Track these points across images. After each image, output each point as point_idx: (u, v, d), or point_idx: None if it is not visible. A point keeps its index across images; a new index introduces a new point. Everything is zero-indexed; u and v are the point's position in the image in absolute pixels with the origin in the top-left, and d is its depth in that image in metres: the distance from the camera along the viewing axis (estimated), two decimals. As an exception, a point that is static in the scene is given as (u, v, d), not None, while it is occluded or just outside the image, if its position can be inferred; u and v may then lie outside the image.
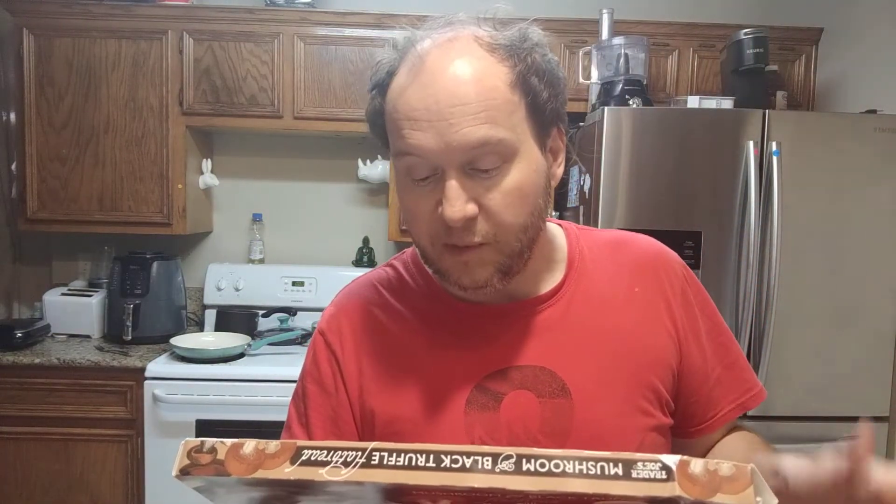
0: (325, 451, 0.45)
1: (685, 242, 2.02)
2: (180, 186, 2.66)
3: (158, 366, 2.34)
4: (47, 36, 2.60)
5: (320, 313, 0.86)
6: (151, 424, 2.32)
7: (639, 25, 2.62)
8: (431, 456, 0.43)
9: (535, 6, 1.10)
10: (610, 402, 0.74)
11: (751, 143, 2.02)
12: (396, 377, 0.77)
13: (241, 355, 2.47)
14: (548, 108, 0.70)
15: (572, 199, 2.35)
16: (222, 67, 2.62)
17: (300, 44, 2.63)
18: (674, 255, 0.85)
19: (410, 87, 0.67)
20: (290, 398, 0.84)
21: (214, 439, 0.48)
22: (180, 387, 2.30)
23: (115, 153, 2.63)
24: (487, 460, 0.43)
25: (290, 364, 2.37)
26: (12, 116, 2.70)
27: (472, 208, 0.67)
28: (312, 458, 0.45)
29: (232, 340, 2.53)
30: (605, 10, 2.48)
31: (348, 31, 2.65)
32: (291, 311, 2.75)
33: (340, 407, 0.79)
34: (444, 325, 0.78)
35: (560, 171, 0.76)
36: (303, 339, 2.62)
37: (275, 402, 2.25)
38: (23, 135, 2.61)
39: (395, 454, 0.44)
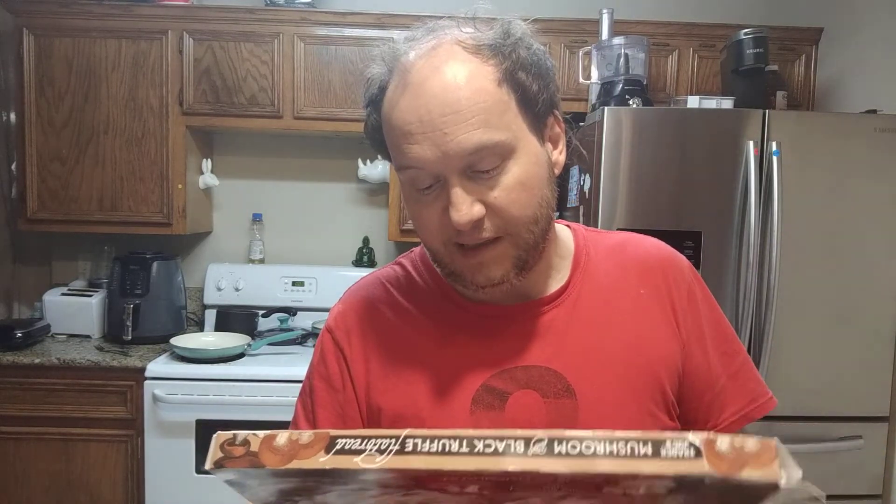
0: (359, 440, 0.45)
1: (685, 242, 2.02)
2: (180, 186, 2.66)
3: (158, 366, 2.34)
4: (47, 36, 2.60)
5: (320, 313, 0.86)
6: (151, 424, 2.32)
7: (639, 25, 2.62)
8: (464, 441, 0.43)
9: (535, 6, 1.10)
10: (615, 402, 0.74)
11: (751, 143, 2.02)
12: (403, 375, 0.77)
13: (241, 355, 2.47)
14: (540, 99, 0.70)
15: (572, 199, 2.35)
16: (222, 67, 2.62)
17: (300, 44, 2.63)
18: (682, 257, 0.84)
19: (401, 101, 0.68)
20: (290, 398, 0.84)
21: (246, 432, 0.48)
22: (180, 387, 2.30)
23: (115, 153, 2.63)
24: (520, 444, 0.43)
25: (290, 364, 2.35)
26: (12, 116, 2.70)
27: (478, 210, 0.67)
28: (346, 447, 0.45)
29: (232, 340, 2.53)
30: (605, 10, 2.48)
31: (348, 31, 2.65)
32: (291, 311, 2.74)
33: (347, 403, 0.79)
34: (451, 323, 0.78)
35: (562, 157, 0.76)
36: (303, 339, 2.61)
37: (275, 402, 2.23)
38: (23, 135, 2.61)
39: (428, 440, 0.44)
